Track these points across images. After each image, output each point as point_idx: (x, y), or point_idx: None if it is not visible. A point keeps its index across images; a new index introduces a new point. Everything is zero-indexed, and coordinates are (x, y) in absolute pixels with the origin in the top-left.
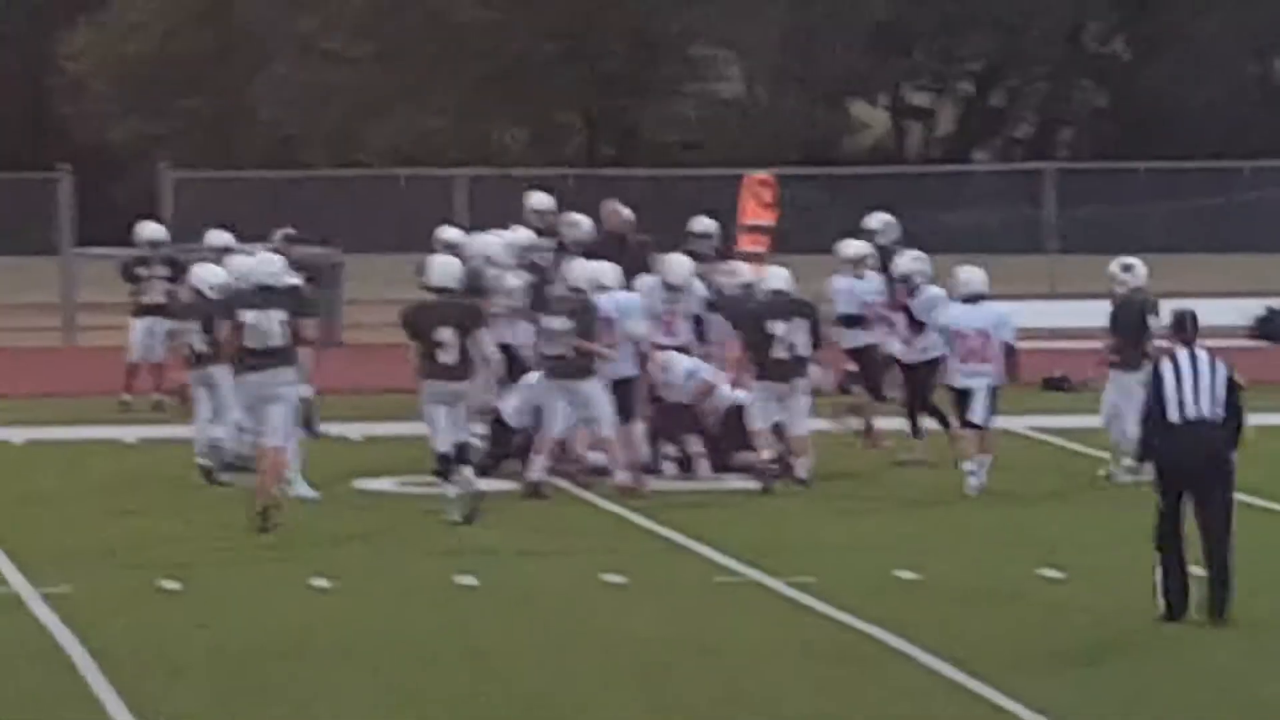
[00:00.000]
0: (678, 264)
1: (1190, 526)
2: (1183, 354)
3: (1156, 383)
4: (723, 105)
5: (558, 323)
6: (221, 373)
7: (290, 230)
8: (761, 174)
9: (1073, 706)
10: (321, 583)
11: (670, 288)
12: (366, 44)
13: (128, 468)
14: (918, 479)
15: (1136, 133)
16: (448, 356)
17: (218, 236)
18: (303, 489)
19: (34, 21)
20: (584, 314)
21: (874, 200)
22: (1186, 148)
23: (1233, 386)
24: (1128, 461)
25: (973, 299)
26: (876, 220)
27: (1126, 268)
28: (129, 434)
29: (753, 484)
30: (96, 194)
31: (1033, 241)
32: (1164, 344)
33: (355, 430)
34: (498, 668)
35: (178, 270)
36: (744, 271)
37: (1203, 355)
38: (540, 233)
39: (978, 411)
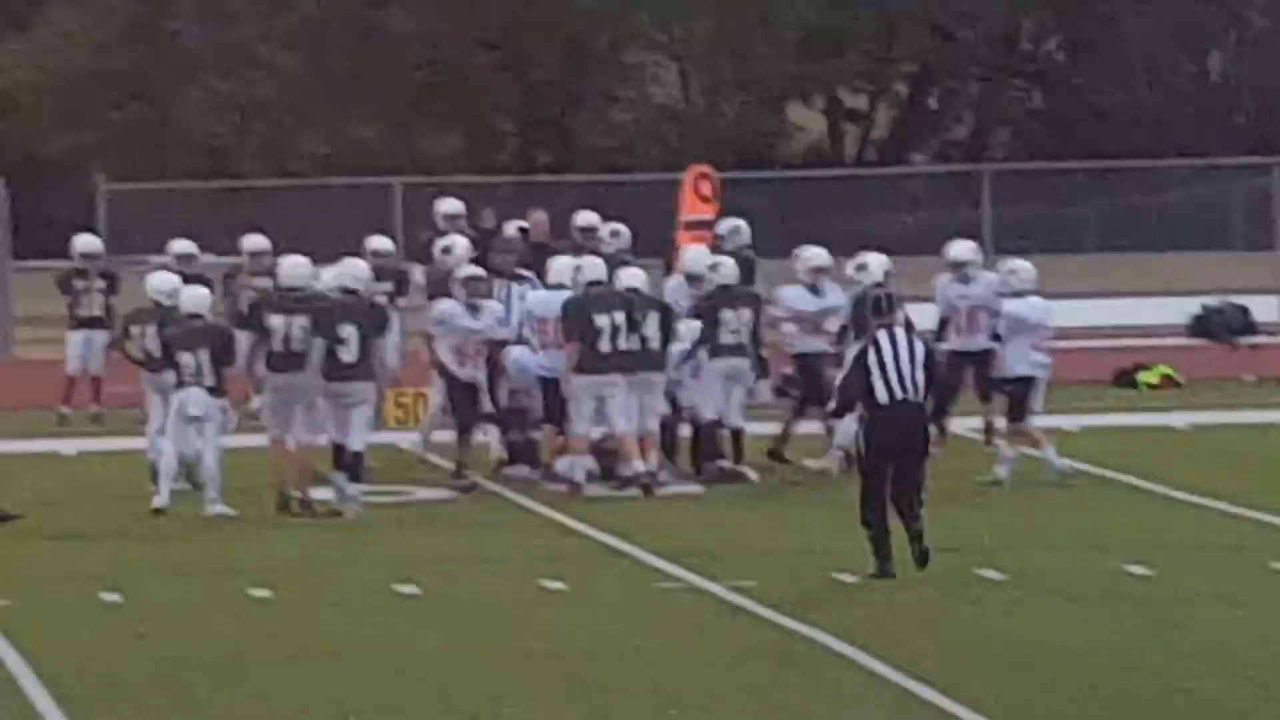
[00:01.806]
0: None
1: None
2: (884, 336)
3: (863, 364)
4: (658, 110)
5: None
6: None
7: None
8: (701, 166)
9: (1016, 706)
10: (261, 593)
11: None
12: (296, 55)
13: (66, 481)
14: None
15: (1071, 133)
16: (348, 355)
17: (181, 245)
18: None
19: None
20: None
21: (811, 203)
22: (1121, 147)
23: (932, 364)
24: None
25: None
26: (724, 226)
27: (860, 267)
28: (68, 446)
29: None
30: (31, 206)
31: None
32: None
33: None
34: (436, 677)
35: (113, 282)
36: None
37: (901, 335)
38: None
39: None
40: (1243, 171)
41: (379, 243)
